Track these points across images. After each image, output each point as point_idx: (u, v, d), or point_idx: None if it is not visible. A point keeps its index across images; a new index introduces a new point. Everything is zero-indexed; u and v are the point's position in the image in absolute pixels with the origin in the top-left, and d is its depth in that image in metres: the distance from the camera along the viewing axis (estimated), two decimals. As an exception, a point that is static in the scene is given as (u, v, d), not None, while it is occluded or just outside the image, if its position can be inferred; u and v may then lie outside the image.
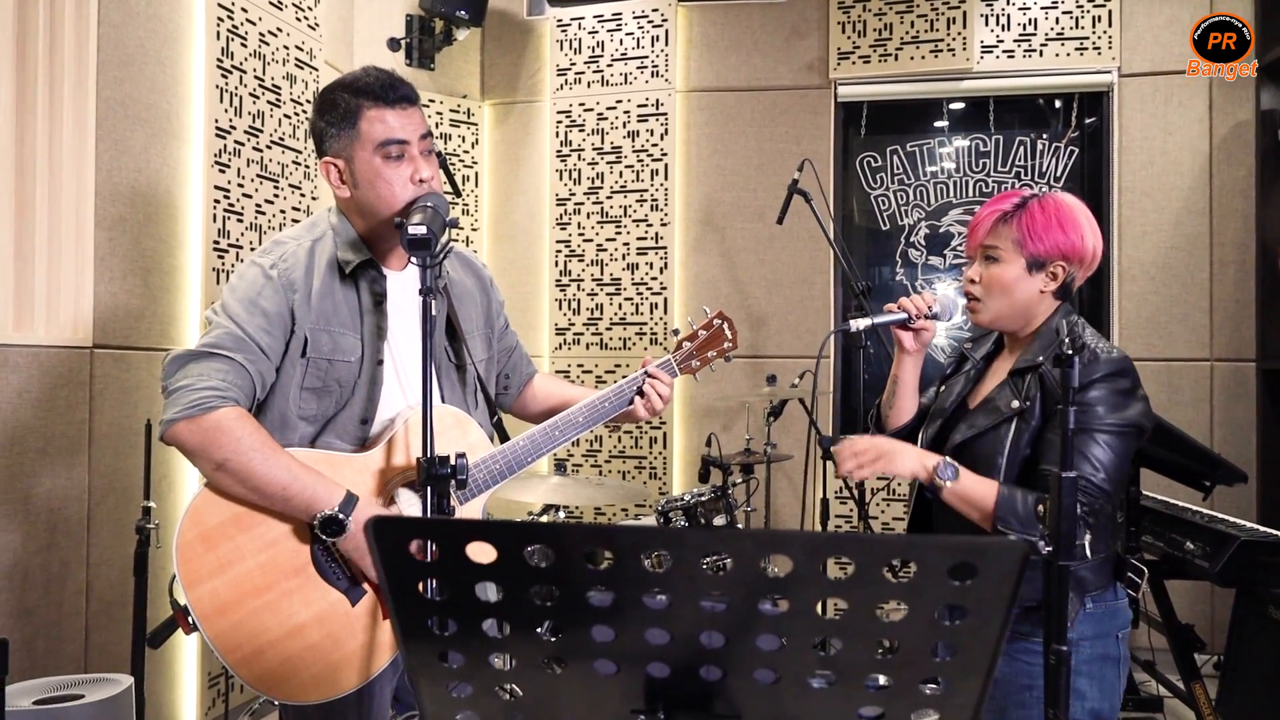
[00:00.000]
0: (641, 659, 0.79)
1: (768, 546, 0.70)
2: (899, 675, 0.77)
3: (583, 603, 0.74)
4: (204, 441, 1.52)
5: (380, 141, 1.61)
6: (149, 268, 2.88)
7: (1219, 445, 3.90)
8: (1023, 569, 0.69)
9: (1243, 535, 2.64)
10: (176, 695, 3.02)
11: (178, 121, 3.00)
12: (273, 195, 3.41)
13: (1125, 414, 1.54)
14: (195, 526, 1.55)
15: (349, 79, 1.67)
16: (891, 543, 0.71)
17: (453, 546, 0.72)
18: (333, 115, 1.65)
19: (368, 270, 1.69)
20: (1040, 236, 1.62)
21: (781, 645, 0.76)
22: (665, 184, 4.39)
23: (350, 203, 1.69)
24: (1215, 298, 4.00)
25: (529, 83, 4.60)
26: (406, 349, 1.71)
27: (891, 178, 4.42)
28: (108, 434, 2.71)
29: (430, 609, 0.76)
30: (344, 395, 1.65)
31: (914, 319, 1.75)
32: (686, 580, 0.73)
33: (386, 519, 0.71)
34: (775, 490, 4.23)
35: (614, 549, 0.71)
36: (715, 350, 1.95)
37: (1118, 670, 1.64)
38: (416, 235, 1.43)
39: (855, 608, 0.73)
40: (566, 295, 4.52)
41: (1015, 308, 1.66)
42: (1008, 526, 1.52)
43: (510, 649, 0.79)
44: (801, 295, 4.30)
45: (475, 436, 1.73)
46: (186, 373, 1.55)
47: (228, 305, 1.61)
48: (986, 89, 4.25)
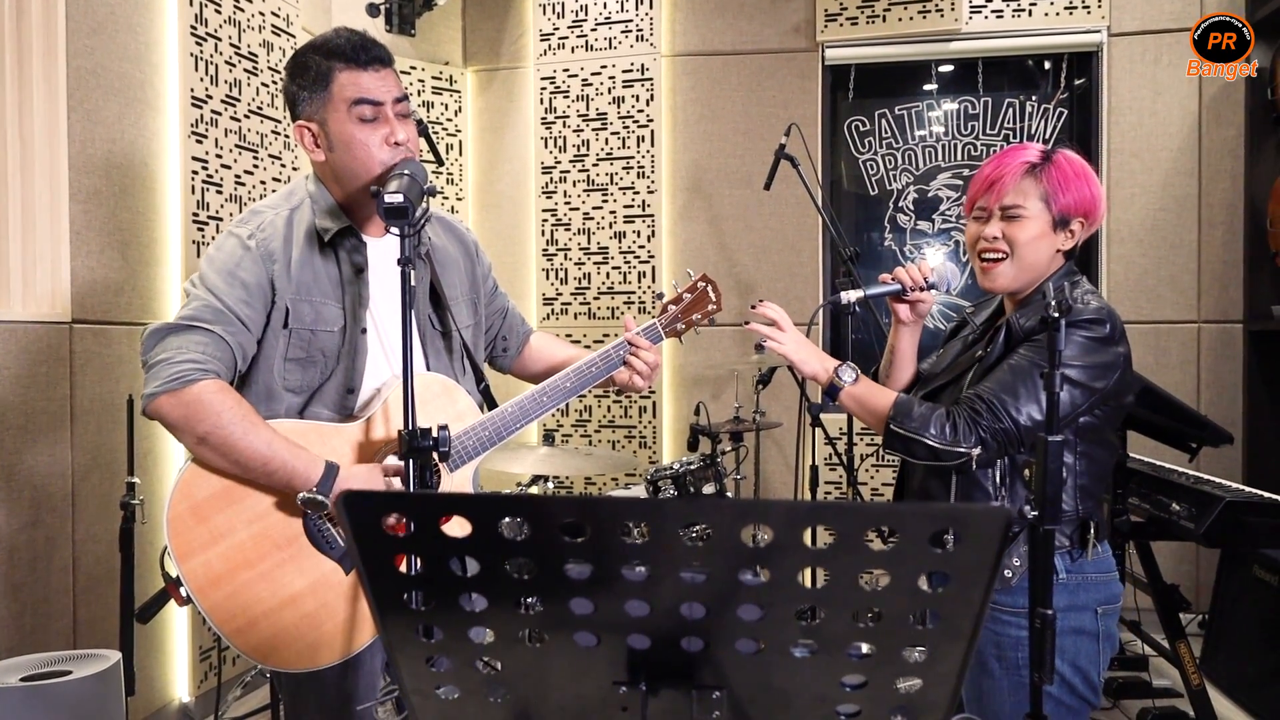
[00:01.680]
0: (622, 631, 0.78)
1: (747, 516, 0.69)
2: (882, 643, 0.77)
3: (560, 575, 0.73)
4: (185, 415, 1.50)
5: (353, 102, 1.59)
6: (127, 241, 2.83)
7: (1206, 407, 3.91)
8: (1005, 535, 0.68)
9: (1228, 496, 2.65)
10: (168, 669, 3.02)
11: (152, 91, 2.94)
12: (252, 165, 3.35)
13: (1087, 359, 1.49)
14: (185, 499, 1.54)
15: (320, 40, 1.63)
16: (872, 511, 0.70)
17: (427, 520, 0.71)
18: (305, 78, 1.62)
19: (347, 238, 1.67)
20: (1071, 190, 1.56)
21: (763, 615, 0.75)
22: (652, 151, 4.34)
23: (326, 168, 1.66)
24: (1203, 259, 3.99)
25: (512, 48, 4.53)
26: (389, 317, 1.69)
27: (880, 142, 4.38)
28: (90, 410, 2.68)
29: (406, 583, 0.75)
30: (328, 365, 1.64)
31: (909, 290, 1.71)
32: (665, 551, 0.71)
33: (358, 493, 0.69)
34: (765, 458, 4.24)
35: (591, 521, 0.70)
36: (700, 313, 1.92)
37: (1096, 646, 1.58)
38: (393, 204, 1.39)
39: (837, 576, 0.72)
40: (554, 265, 4.49)
41: (1037, 265, 1.60)
42: (901, 426, 1.54)
43: (488, 622, 0.78)
44: (790, 262, 4.28)
45: (463, 404, 1.72)
46: (165, 346, 1.53)
47: (206, 277, 1.59)
48: (975, 50, 4.20)
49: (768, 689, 0.81)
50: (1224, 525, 2.61)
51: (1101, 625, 1.59)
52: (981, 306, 1.80)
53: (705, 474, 3.07)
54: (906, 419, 1.55)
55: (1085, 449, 1.56)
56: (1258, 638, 3.14)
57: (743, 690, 0.82)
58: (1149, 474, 3.05)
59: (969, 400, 1.54)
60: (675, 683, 0.82)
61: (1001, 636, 1.58)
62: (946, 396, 1.64)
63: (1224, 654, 3.32)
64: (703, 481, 3.05)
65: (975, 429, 1.50)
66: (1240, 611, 3.28)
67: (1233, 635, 3.31)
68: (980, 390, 1.54)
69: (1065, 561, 1.56)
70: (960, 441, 1.50)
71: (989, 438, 1.49)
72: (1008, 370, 1.54)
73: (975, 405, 1.52)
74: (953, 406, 1.55)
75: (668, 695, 0.83)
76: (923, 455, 1.54)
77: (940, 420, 1.52)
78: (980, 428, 1.50)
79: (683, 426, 4.29)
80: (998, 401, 1.50)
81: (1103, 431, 1.60)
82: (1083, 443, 1.56)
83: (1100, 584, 1.59)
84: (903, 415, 1.55)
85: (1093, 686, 1.60)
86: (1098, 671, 1.59)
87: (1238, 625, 3.29)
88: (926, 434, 1.52)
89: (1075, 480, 1.55)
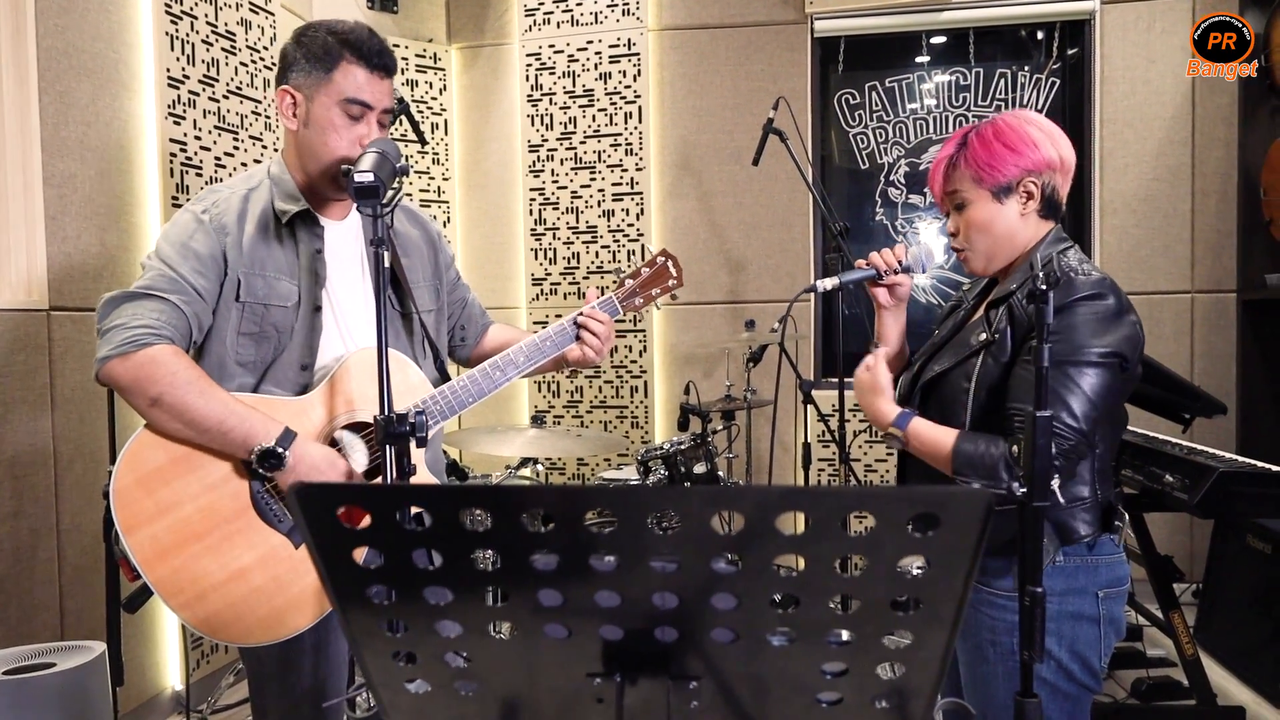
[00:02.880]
0: (593, 622, 0.75)
1: (716, 504, 0.66)
2: (862, 630, 0.74)
3: (526, 567, 0.70)
4: (137, 377, 1.50)
5: (347, 97, 1.62)
6: (104, 226, 2.78)
7: (1199, 377, 3.90)
8: (987, 519, 0.65)
9: (1221, 466, 2.64)
10: (159, 659, 3.00)
11: (127, 71, 2.88)
12: (232, 147, 3.30)
13: (1107, 339, 1.43)
14: (132, 471, 1.52)
15: (339, 25, 1.66)
16: (847, 495, 0.67)
17: (385, 512, 0.68)
18: (310, 49, 1.63)
19: (305, 219, 1.69)
20: (991, 165, 1.55)
21: (738, 604, 0.72)
22: (639, 127, 4.29)
23: (293, 138, 1.68)
24: (1196, 229, 3.96)
25: (496, 24, 4.45)
26: (346, 297, 1.71)
27: (870, 115, 4.33)
28: (71, 398, 2.65)
29: (366, 577, 0.72)
30: (282, 341, 1.64)
31: (884, 274, 1.69)
32: (634, 540, 0.69)
33: (311, 485, 0.66)
34: (757, 436, 4.22)
35: (555, 511, 0.67)
36: (659, 287, 1.91)
37: (1097, 631, 1.52)
38: (363, 183, 1.36)
39: (813, 563, 0.69)
40: (542, 244, 4.44)
41: (1000, 241, 1.58)
42: (962, 476, 1.46)
43: (455, 616, 0.75)
44: (781, 238, 4.24)
45: (414, 378, 1.73)
46: (120, 313, 1.54)
47: (161, 250, 1.61)
48: (966, 20, 4.14)
49: (746, 678, 0.79)
50: (1218, 496, 2.60)
51: (1104, 609, 1.53)
52: (976, 283, 1.77)
53: (696, 453, 3.05)
54: (970, 471, 1.45)
55: (1102, 431, 1.50)
56: (1251, 607, 3.14)
57: (720, 679, 0.79)
58: (1142, 445, 3.04)
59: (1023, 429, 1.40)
60: (651, 673, 0.80)
61: (996, 621, 1.54)
62: (951, 384, 1.57)
63: (1218, 623, 3.32)
64: (693, 461, 3.02)
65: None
66: (1234, 581, 3.28)
67: (1226, 604, 3.32)
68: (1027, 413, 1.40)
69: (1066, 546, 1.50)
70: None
71: (1059, 461, 1.39)
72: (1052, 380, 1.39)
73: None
74: (1011, 439, 1.44)
75: (644, 686, 0.81)
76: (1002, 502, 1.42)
77: (1008, 463, 1.42)
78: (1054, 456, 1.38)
79: (675, 406, 4.26)
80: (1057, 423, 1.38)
81: (1116, 409, 1.53)
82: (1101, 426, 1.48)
83: (1102, 566, 1.53)
84: (966, 467, 1.46)
85: (1092, 672, 1.53)
86: (1099, 657, 1.53)
87: (1231, 594, 3.29)
88: (999, 483, 1.42)
89: (1094, 464, 1.50)
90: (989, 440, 1.45)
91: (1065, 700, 1.53)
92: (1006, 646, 1.52)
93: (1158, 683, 3.03)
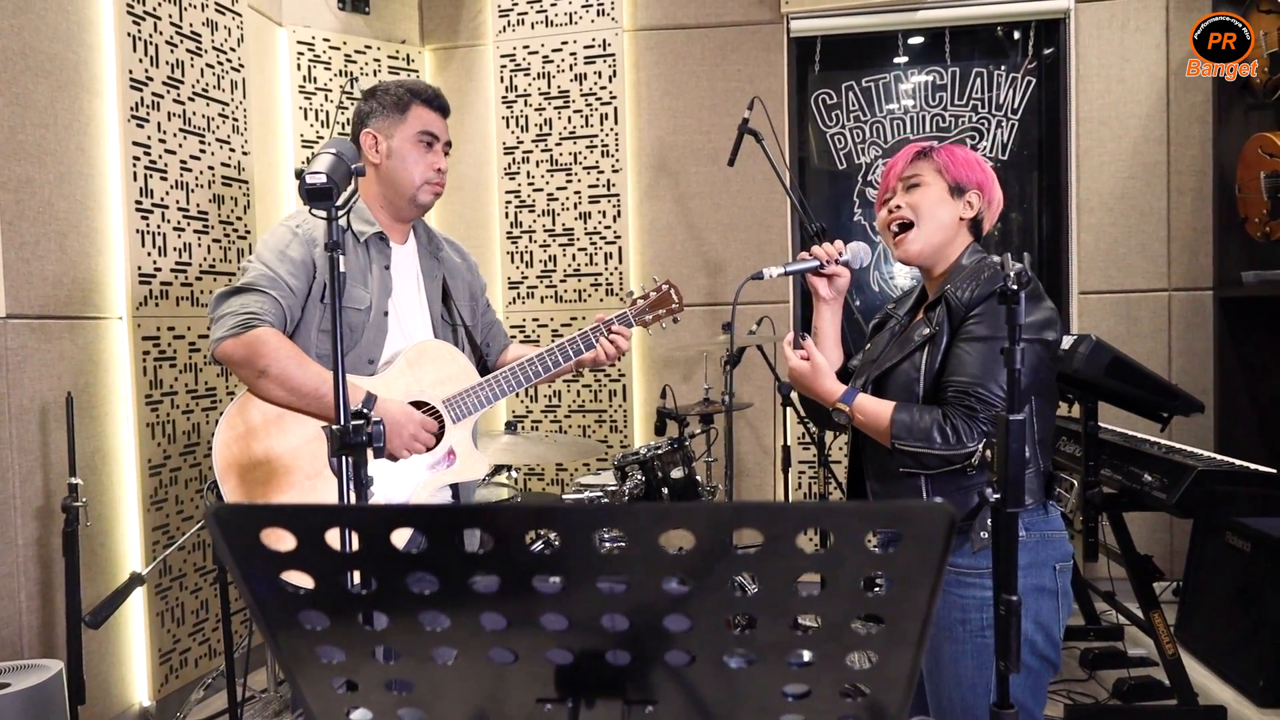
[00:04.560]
0: (540, 646, 0.71)
1: (664, 522, 0.62)
2: (823, 650, 0.70)
3: (465, 589, 0.66)
4: (249, 354, 1.83)
5: (421, 131, 2.04)
6: (65, 231, 2.72)
7: (1177, 375, 3.90)
8: (950, 533, 0.61)
9: (1200, 465, 2.63)
10: (125, 675, 2.93)
11: (87, 73, 2.81)
12: (199, 150, 3.23)
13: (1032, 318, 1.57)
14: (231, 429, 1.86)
15: (405, 82, 2.10)
16: (804, 511, 0.63)
17: (310, 534, 0.63)
18: (385, 99, 2.04)
19: (376, 240, 2.04)
20: (960, 164, 1.72)
21: (691, 625, 0.68)
22: (615, 128, 4.25)
23: (376, 170, 2.04)
24: (1173, 227, 3.96)
25: (470, 25, 4.40)
26: (405, 306, 2.07)
27: (847, 115, 4.31)
28: (28, 409, 2.58)
29: (296, 602, 0.68)
30: (354, 338, 1.95)
31: (825, 264, 1.82)
32: (579, 560, 0.64)
33: (230, 507, 0.61)
34: (738, 439, 4.19)
35: (493, 530, 0.63)
36: (665, 310, 2.22)
37: (1055, 603, 1.62)
38: (314, 184, 1.32)
39: (769, 582, 0.65)
40: (518, 247, 4.39)
41: (942, 232, 1.71)
42: (905, 443, 1.58)
43: (393, 641, 0.71)
44: (759, 239, 4.21)
45: (461, 364, 2.08)
46: (230, 304, 1.87)
47: (261, 255, 1.93)
48: (942, 19, 4.13)
49: (703, 701, 0.75)
50: (1196, 495, 2.59)
51: (1059, 582, 1.63)
52: (901, 302, 1.89)
53: (673, 458, 3.01)
54: (907, 435, 1.58)
55: (1037, 406, 1.61)
56: (1231, 604, 3.14)
57: (677, 703, 0.75)
58: (1121, 444, 3.03)
59: (957, 397, 1.57)
60: (605, 697, 0.76)
61: (966, 599, 1.59)
62: (900, 376, 1.67)
63: (1198, 621, 3.32)
64: (671, 465, 2.99)
65: (975, 424, 1.54)
66: (1214, 578, 3.27)
67: (1207, 603, 3.31)
68: (961, 384, 1.56)
69: (1025, 519, 1.59)
70: (965, 441, 1.54)
71: (991, 427, 1.51)
72: (974, 352, 1.57)
73: (966, 401, 1.55)
74: (945, 408, 1.58)
75: (598, 710, 0.77)
76: (935, 465, 1.58)
77: (940, 426, 1.55)
78: (979, 420, 1.54)
79: (654, 409, 4.23)
80: (985, 390, 1.54)
81: (1046, 384, 1.65)
82: (1035, 400, 1.62)
83: (1055, 541, 1.64)
84: (904, 431, 1.59)
85: (1054, 644, 1.63)
86: (1058, 628, 1.64)
87: (1211, 592, 3.29)
88: (933, 445, 1.55)
89: (1033, 435, 1.60)
90: (922, 409, 1.59)
91: (1028, 674, 1.58)
92: (976, 624, 1.58)
93: (1139, 683, 3.01)
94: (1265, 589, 2.96)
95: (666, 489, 2.97)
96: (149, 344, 3.00)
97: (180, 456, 3.12)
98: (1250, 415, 3.88)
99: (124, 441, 2.93)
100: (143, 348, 2.97)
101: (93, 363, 2.81)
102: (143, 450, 2.95)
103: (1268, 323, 3.83)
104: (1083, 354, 2.66)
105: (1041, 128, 4.21)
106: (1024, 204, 4.31)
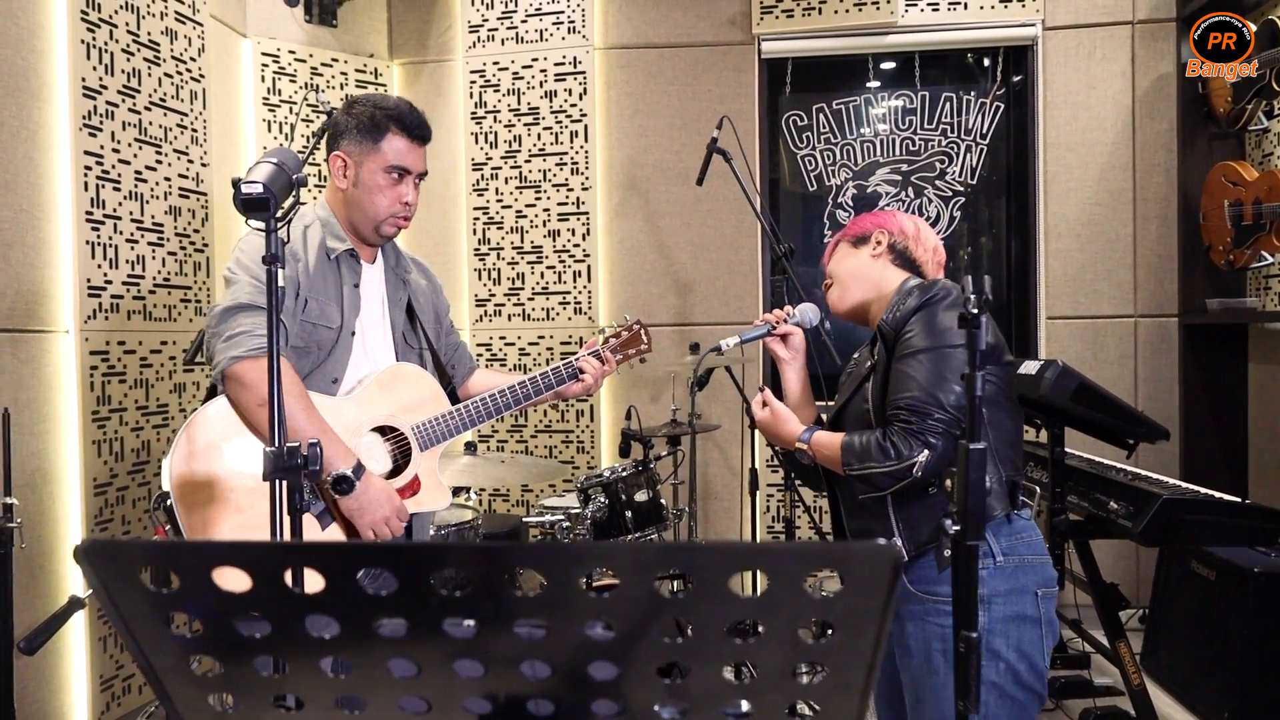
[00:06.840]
0: (455, 694, 0.65)
1: (587, 561, 0.56)
2: (763, 701, 0.65)
3: (370, 633, 0.60)
4: (259, 379, 1.73)
5: (391, 164, 1.94)
6: (9, 241, 2.62)
7: (1143, 402, 3.91)
8: (895, 575, 0.57)
9: (1165, 493, 2.61)
10: (64, 701, 2.81)
11: (36, 80, 2.73)
12: (155, 161, 3.15)
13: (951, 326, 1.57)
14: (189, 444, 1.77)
15: (386, 101, 1.99)
16: (736, 551, 0.58)
17: (195, 573, 0.57)
18: (360, 120, 1.93)
19: (347, 258, 1.98)
20: (854, 224, 1.87)
21: (619, 673, 0.63)
22: (585, 146, 4.21)
23: (340, 194, 1.98)
24: (1139, 253, 3.98)
25: (440, 40, 4.36)
26: (371, 326, 2.02)
27: (818, 137, 4.31)
28: (-35, 425, 2.47)
29: (183, 646, 0.62)
30: (320, 356, 1.91)
31: (776, 326, 1.92)
32: (493, 603, 0.59)
33: (103, 543, 0.55)
34: (706, 461, 4.14)
35: (397, 570, 0.57)
36: (634, 349, 2.23)
37: (1039, 631, 1.58)
38: (250, 194, 1.26)
39: (701, 628, 0.60)
40: (486, 265, 4.33)
41: (857, 281, 1.81)
42: (852, 468, 1.59)
43: (292, 688, 0.65)
44: (729, 260, 4.18)
45: (431, 389, 2.01)
46: (240, 322, 1.78)
47: (248, 268, 1.82)
48: (912, 44, 4.15)
49: (635, 754, 0.69)
50: (1161, 523, 2.57)
51: (1043, 609, 1.58)
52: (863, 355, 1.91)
53: (638, 480, 2.95)
54: (854, 459, 1.59)
55: (991, 417, 1.60)
56: (1196, 633, 3.12)
57: (607, 756, 0.69)
58: (1087, 471, 3.01)
59: (894, 414, 1.56)
60: (530, 749, 0.70)
61: (946, 629, 1.55)
62: (853, 409, 1.70)
63: (1164, 650, 3.29)
64: (635, 488, 2.93)
65: (913, 437, 1.52)
66: (1179, 607, 3.25)
67: (1172, 631, 3.29)
68: (898, 400, 1.56)
69: (1000, 544, 1.56)
70: (906, 455, 1.52)
71: (931, 438, 1.51)
72: (908, 367, 1.56)
73: (901, 416, 1.54)
74: (885, 427, 1.58)
75: (523, 762, 0.70)
76: (886, 485, 1.56)
77: (879, 444, 1.55)
78: (916, 431, 1.51)
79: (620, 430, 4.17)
80: (919, 400, 1.52)
81: (999, 397, 1.63)
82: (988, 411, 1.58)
83: (1036, 566, 1.60)
84: (851, 456, 1.60)
85: (1038, 674, 1.58)
86: (1043, 658, 1.58)
87: (1177, 621, 3.27)
88: (876, 465, 1.55)
89: (991, 448, 1.58)
90: (867, 432, 1.62)
91: (1012, 705, 1.54)
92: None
93: (1105, 712, 2.98)
94: (1230, 618, 2.94)
95: (630, 512, 2.91)
96: (97, 359, 2.90)
97: (128, 475, 3.02)
98: (1215, 442, 3.89)
99: (68, 459, 2.83)
100: (90, 362, 2.87)
101: (36, 378, 2.71)
102: (88, 468, 2.85)
103: (1232, 350, 3.85)
104: (1049, 379, 2.64)
105: (1010, 153, 4.23)
106: (993, 229, 4.32)
